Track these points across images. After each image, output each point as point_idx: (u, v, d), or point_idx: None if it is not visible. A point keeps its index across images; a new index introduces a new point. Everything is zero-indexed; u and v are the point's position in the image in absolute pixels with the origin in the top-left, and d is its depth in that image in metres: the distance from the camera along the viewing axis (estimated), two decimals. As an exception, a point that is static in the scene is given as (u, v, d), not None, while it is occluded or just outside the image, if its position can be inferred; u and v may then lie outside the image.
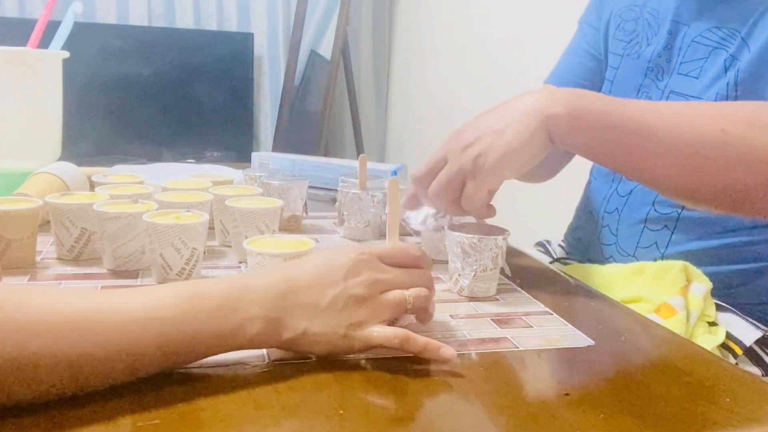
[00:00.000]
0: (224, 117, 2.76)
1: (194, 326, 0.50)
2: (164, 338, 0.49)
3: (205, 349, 0.52)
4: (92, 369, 0.47)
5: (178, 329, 0.49)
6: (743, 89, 0.87)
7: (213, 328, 0.51)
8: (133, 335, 0.48)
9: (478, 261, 0.72)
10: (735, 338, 0.85)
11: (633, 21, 1.02)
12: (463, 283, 0.73)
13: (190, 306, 0.50)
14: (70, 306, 0.47)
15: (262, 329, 0.52)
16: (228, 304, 0.52)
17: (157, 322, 0.49)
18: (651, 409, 0.51)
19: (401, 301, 0.57)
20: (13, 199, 0.79)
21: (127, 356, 0.48)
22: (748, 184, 0.71)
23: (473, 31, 2.36)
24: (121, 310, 0.48)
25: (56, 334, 0.45)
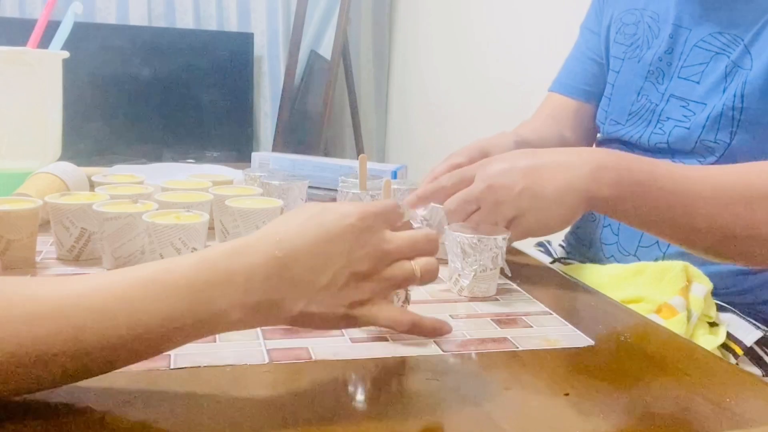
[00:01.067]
0: (224, 117, 2.76)
1: (169, 314, 0.45)
2: (138, 327, 0.45)
3: (182, 338, 0.47)
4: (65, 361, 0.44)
5: (151, 318, 0.45)
6: (749, 102, 0.87)
7: (191, 316, 0.46)
8: (107, 326, 0.44)
9: (478, 261, 0.71)
10: (735, 338, 0.85)
11: (634, 25, 1.02)
12: (463, 283, 0.72)
13: (164, 293, 0.45)
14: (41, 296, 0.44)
15: (247, 315, 0.47)
16: (208, 291, 0.46)
17: (129, 310, 0.45)
18: (651, 409, 0.51)
19: (409, 274, 0.53)
20: (13, 199, 0.79)
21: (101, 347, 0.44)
22: None
23: (473, 32, 2.36)
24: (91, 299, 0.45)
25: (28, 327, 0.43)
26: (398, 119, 2.98)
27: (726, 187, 0.75)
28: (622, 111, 1.02)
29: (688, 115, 0.92)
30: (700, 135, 0.91)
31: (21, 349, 0.42)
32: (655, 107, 0.97)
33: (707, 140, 0.90)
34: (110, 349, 0.45)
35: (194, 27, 2.78)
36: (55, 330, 0.43)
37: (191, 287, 0.46)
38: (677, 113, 0.94)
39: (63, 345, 0.43)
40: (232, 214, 0.80)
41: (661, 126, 0.95)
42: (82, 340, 0.44)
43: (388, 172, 1.13)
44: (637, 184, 0.73)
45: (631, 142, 1.00)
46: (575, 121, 1.12)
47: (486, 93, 2.24)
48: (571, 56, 1.16)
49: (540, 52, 1.92)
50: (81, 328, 0.44)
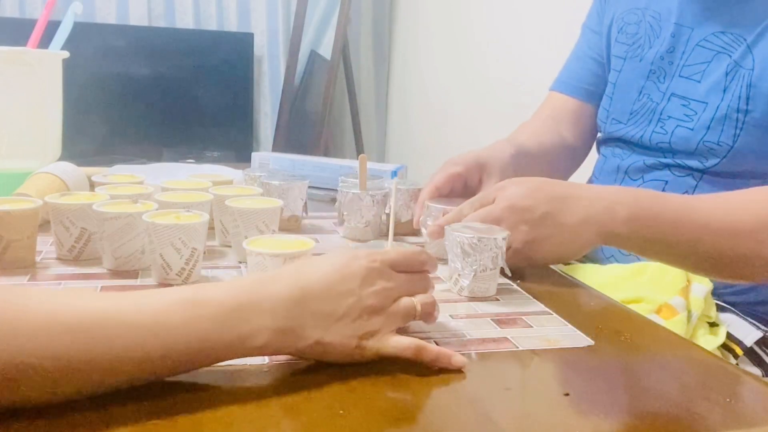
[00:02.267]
0: (224, 117, 2.76)
1: (200, 335, 0.49)
2: (169, 346, 0.48)
3: (209, 358, 0.50)
4: (93, 375, 0.46)
5: (183, 337, 0.48)
6: (754, 105, 0.87)
7: (220, 337, 0.49)
8: (139, 342, 0.47)
9: (478, 261, 0.71)
10: (735, 339, 0.85)
11: (635, 24, 1.02)
12: (463, 283, 0.72)
13: (197, 314, 0.49)
14: (73, 309, 0.46)
15: (271, 339, 0.51)
16: (237, 313, 0.50)
17: (164, 329, 0.48)
18: (651, 409, 0.51)
19: (411, 309, 0.57)
20: (13, 199, 0.79)
21: (129, 363, 0.47)
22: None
23: (473, 32, 2.36)
24: (126, 316, 0.47)
25: (59, 338, 0.44)
26: (398, 119, 2.98)
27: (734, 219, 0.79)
28: (623, 110, 1.02)
29: (690, 114, 0.92)
30: (704, 137, 0.91)
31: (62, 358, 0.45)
32: (656, 106, 0.97)
33: (710, 142, 0.90)
34: (136, 364, 0.47)
35: (194, 27, 2.78)
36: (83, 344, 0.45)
37: (222, 309, 0.50)
38: (678, 112, 0.94)
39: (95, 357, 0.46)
40: (232, 214, 0.80)
41: (662, 125, 0.96)
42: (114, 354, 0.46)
43: (388, 172, 1.13)
44: (650, 219, 0.77)
45: (633, 141, 1.00)
46: (575, 120, 1.13)
47: (486, 93, 2.24)
48: (573, 55, 1.17)
49: (540, 52, 1.92)
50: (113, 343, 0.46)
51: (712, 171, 0.92)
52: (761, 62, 0.87)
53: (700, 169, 0.92)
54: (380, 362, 0.56)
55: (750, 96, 0.87)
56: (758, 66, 0.87)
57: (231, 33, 2.82)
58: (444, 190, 0.89)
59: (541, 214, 0.76)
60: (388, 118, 3.06)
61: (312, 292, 0.53)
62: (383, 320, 0.55)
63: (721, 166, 0.91)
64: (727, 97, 0.89)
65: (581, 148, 1.15)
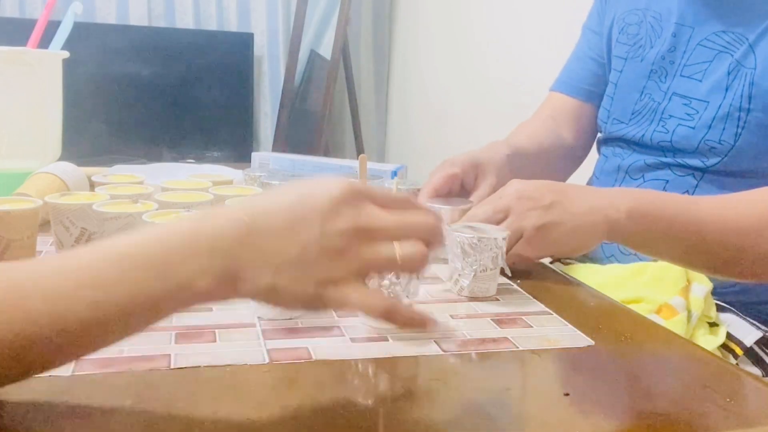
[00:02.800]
0: (224, 117, 2.76)
1: (128, 290, 0.42)
2: (97, 307, 0.42)
3: (153, 313, 0.44)
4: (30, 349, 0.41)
5: (109, 296, 0.42)
6: (756, 104, 0.87)
7: (158, 286, 0.43)
8: (63, 308, 0.41)
9: (478, 261, 0.71)
10: (735, 339, 0.85)
11: (636, 25, 1.02)
12: (463, 283, 0.72)
13: (121, 266, 0.43)
14: None
15: (213, 283, 0.44)
16: (173, 257, 0.43)
17: (95, 288, 0.42)
18: (651, 409, 0.51)
19: (389, 258, 0.47)
20: (13, 199, 0.79)
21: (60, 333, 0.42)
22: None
23: (473, 32, 2.36)
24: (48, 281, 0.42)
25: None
26: (398, 119, 2.98)
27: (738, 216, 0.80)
28: (624, 110, 1.02)
29: (691, 113, 0.93)
30: (705, 135, 0.91)
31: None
32: (658, 106, 0.97)
33: (711, 141, 0.90)
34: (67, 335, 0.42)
35: (194, 27, 2.78)
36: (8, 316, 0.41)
37: (157, 255, 0.43)
38: (679, 111, 0.94)
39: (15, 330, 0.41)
40: (232, 214, 0.80)
41: (664, 124, 0.96)
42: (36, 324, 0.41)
43: (388, 172, 1.13)
44: (652, 213, 0.78)
45: (634, 140, 1.00)
46: (575, 120, 1.13)
47: (486, 93, 2.24)
48: (573, 56, 1.17)
49: (540, 52, 1.92)
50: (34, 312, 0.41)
51: (713, 170, 0.92)
52: (763, 61, 0.87)
53: (701, 168, 0.92)
54: (380, 362, 0.56)
55: (752, 95, 0.87)
56: (760, 65, 0.87)
57: (231, 33, 2.82)
58: (442, 191, 0.90)
59: (550, 201, 0.76)
60: (388, 118, 3.06)
61: (261, 225, 0.45)
62: (349, 266, 0.46)
63: (722, 165, 0.91)
64: (729, 96, 0.89)
65: (580, 149, 1.15)
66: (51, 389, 0.47)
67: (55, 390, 0.47)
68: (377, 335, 0.61)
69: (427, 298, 0.72)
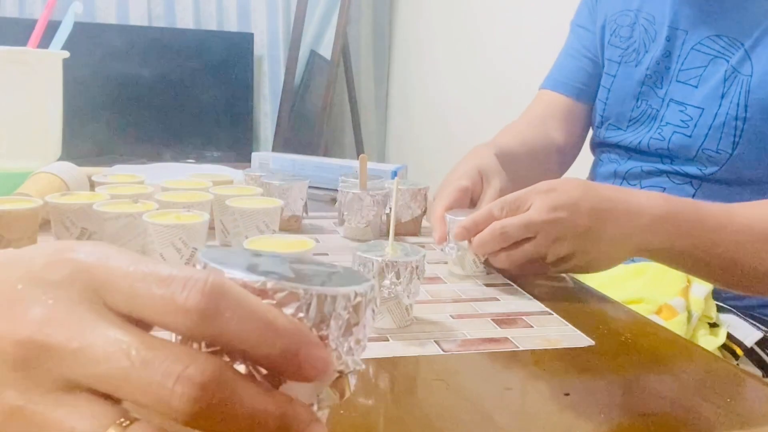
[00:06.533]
0: (224, 117, 2.76)
1: None
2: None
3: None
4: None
5: None
6: (753, 112, 0.86)
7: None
8: None
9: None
10: (736, 339, 0.85)
11: (629, 27, 1.01)
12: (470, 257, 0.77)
13: None
14: None
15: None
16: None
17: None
18: (651, 410, 0.51)
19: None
20: (13, 199, 0.79)
21: None
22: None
23: (473, 32, 2.36)
24: None
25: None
26: (398, 119, 2.98)
27: None
28: (621, 116, 1.01)
29: (686, 120, 0.92)
30: (702, 144, 0.90)
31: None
32: (656, 112, 0.96)
33: (709, 150, 0.90)
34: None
35: (194, 27, 2.78)
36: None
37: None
38: (675, 118, 0.93)
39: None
40: (232, 213, 0.80)
41: (660, 131, 0.95)
42: None
43: (388, 172, 1.12)
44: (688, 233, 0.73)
45: (631, 147, 0.99)
46: (565, 120, 1.10)
47: (487, 93, 2.24)
48: (563, 53, 1.14)
49: (541, 50, 1.92)
50: None
51: (711, 178, 0.91)
52: (760, 68, 0.86)
53: (699, 176, 0.92)
54: (380, 362, 0.56)
55: (748, 103, 0.86)
56: (757, 72, 0.86)
57: (231, 33, 2.82)
58: (457, 204, 0.84)
59: (584, 229, 0.70)
60: (388, 118, 3.06)
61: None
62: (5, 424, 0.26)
63: (720, 174, 0.90)
64: (725, 104, 0.88)
65: (570, 149, 1.12)
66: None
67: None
68: (377, 335, 0.61)
69: (427, 298, 0.72)
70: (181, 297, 0.25)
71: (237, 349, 0.26)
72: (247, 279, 0.27)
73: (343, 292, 0.28)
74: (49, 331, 0.25)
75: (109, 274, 0.26)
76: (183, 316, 0.25)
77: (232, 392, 0.25)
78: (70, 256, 0.27)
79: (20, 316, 0.26)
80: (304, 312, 0.27)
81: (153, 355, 0.25)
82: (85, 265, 0.27)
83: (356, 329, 0.29)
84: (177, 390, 0.24)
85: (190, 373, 0.24)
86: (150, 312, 0.26)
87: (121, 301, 0.26)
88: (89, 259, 0.27)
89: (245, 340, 0.25)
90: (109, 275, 0.26)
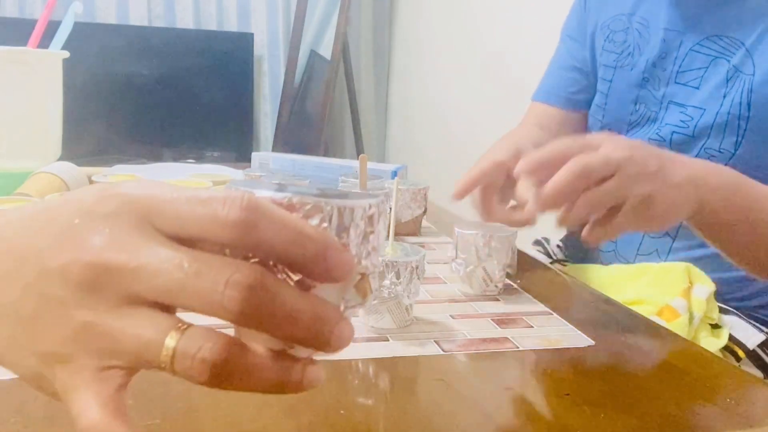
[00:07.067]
0: (224, 117, 2.76)
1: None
2: None
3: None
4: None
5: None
6: (756, 111, 0.85)
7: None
8: None
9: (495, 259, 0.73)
10: (738, 341, 0.85)
11: (623, 31, 1.00)
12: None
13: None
14: None
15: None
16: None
17: None
18: (651, 410, 0.51)
19: (148, 345, 0.29)
20: (13, 199, 0.79)
21: None
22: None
23: (473, 31, 2.36)
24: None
25: None
26: (398, 119, 2.98)
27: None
28: (620, 121, 1.00)
29: (685, 120, 0.91)
30: (704, 144, 0.89)
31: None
32: (656, 115, 0.95)
33: (711, 149, 0.89)
34: None
35: (194, 27, 2.78)
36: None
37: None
38: (674, 118, 0.93)
39: None
40: (232, 214, 0.80)
41: (659, 131, 0.94)
42: None
43: (388, 172, 1.12)
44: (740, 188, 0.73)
45: None
46: (561, 129, 1.09)
47: (486, 93, 2.24)
48: (553, 63, 1.13)
49: (542, 51, 1.91)
50: None
51: None
52: (762, 67, 0.86)
53: None
54: (380, 362, 0.56)
55: (751, 102, 0.85)
56: (759, 71, 0.86)
57: (231, 33, 2.82)
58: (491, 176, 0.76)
59: (655, 168, 0.66)
60: (388, 118, 3.06)
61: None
62: (78, 336, 0.29)
63: None
64: (727, 103, 0.87)
65: None
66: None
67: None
68: (377, 335, 0.61)
69: (427, 298, 0.72)
70: (223, 213, 0.28)
71: (272, 257, 0.29)
72: (275, 196, 0.31)
73: (360, 204, 0.33)
74: (110, 254, 0.28)
75: (155, 201, 0.29)
76: (226, 229, 0.28)
77: (273, 294, 0.28)
78: (117, 191, 0.30)
79: (82, 244, 0.29)
80: (328, 222, 0.32)
81: (203, 266, 0.28)
82: (132, 196, 0.29)
83: (372, 237, 0.34)
84: (227, 293, 0.27)
85: (237, 278, 0.28)
86: (196, 229, 0.29)
87: (168, 223, 0.29)
88: (135, 191, 0.30)
89: (280, 247, 0.29)
90: (155, 202, 0.29)
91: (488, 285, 0.73)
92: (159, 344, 0.29)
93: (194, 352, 0.28)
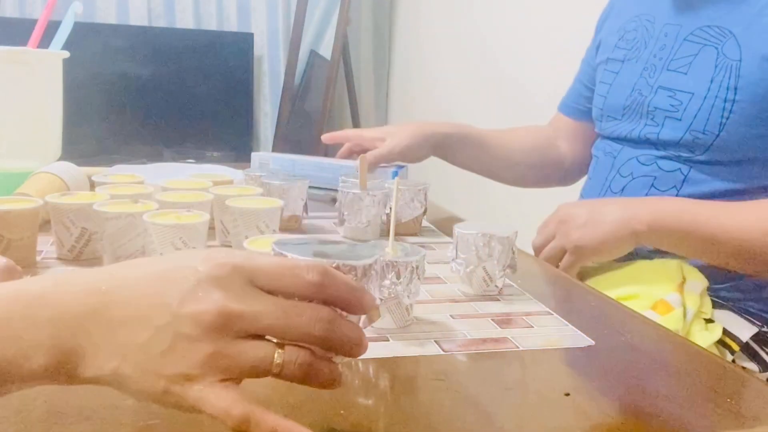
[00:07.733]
0: (224, 117, 2.76)
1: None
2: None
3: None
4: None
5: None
6: (743, 95, 0.89)
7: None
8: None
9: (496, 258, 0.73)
10: (732, 334, 0.86)
11: (634, 30, 1.08)
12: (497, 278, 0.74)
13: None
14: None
15: (51, 362, 0.37)
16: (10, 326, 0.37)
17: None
18: (651, 410, 0.51)
19: (263, 360, 0.40)
20: (13, 198, 0.79)
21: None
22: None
23: (473, 31, 2.36)
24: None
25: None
26: (398, 119, 2.98)
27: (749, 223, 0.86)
28: (617, 107, 1.05)
29: (676, 105, 0.95)
30: (690, 125, 0.93)
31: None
32: (645, 99, 1.00)
33: (696, 131, 0.93)
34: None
35: (194, 27, 2.78)
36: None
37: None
38: (664, 103, 0.97)
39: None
40: (232, 214, 0.80)
41: (652, 117, 0.98)
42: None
43: (388, 172, 1.13)
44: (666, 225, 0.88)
45: (625, 137, 1.02)
46: (572, 136, 1.24)
47: (486, 92, 2.24)
48: (576, 80, 1.25)
49: (544, 50, 1.92)
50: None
51: (701, 161, 0.93)
52: (748, 52, 0.89)
53: (689, 160, 0.94)
54: (380, 362, 0.56)
55: (738, 86, 0.89)
56: (746, 57, 0.89)
57: (231, 33, 2.82)
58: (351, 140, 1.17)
59: (584, 221, 0.91)
60: (388, 118, 3.06)
61: (115, 301, 0.39)
62: (208, 362, 0.38)
63: (708, 155, 0.93)
64: (714, 88, 0.91)
65: (575, 163, 1.24)
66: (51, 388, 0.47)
67: (55, 389, 0.47)
68: (377, 335, 0.61)
69: (427, 297, 0.72)
70: (308, 276, 0.41)
71: (335, 302, 0.42)
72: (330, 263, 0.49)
73: (371, 261, 0.51)
74: (233, 304, 0.39)
75: (257, 266, 0.41)
76: (310, 287, 0.41)
77: (339, 325, 0.41)
78: (228, 260, 0.40)
79: (209, 297, 0.39)
80: (357, 276, 0.50)
81: (298, 309, 0.40)
82: (239, 263, 0.40)
83: (376, 279, 0.53)
84: (317, 326, 0.40)
85: (321, 316, 0.41)
86: (288, 286, 0.41)
87: (267, 283, 0.41)
88: (240, 260, 0.41)
89: (342, 297, 0.42)
90: (257, 267, 0.41)
91: (488, 285, 0.73)
92: (270, 359, 0.40)
93: (295, 359, 0.40)
